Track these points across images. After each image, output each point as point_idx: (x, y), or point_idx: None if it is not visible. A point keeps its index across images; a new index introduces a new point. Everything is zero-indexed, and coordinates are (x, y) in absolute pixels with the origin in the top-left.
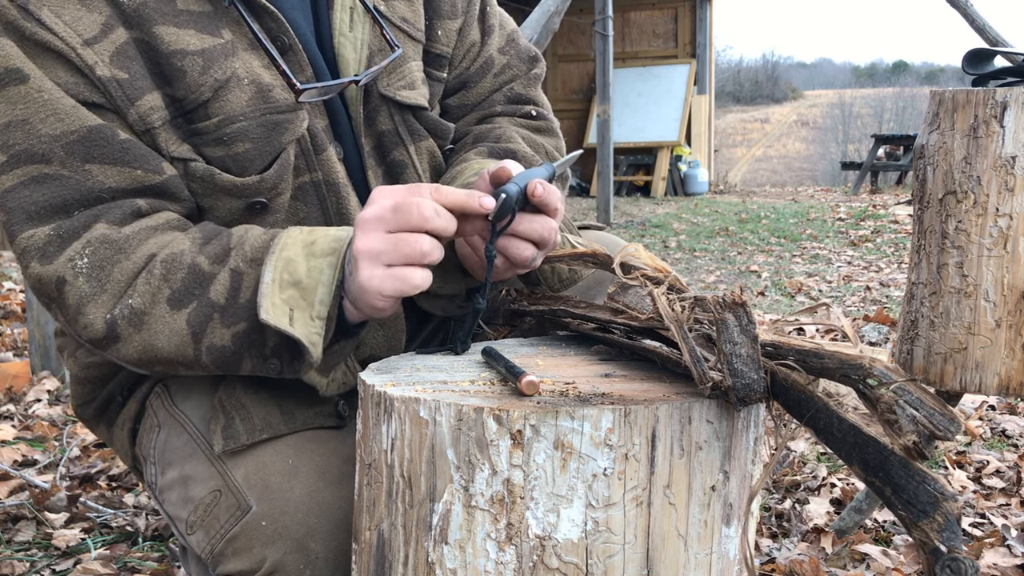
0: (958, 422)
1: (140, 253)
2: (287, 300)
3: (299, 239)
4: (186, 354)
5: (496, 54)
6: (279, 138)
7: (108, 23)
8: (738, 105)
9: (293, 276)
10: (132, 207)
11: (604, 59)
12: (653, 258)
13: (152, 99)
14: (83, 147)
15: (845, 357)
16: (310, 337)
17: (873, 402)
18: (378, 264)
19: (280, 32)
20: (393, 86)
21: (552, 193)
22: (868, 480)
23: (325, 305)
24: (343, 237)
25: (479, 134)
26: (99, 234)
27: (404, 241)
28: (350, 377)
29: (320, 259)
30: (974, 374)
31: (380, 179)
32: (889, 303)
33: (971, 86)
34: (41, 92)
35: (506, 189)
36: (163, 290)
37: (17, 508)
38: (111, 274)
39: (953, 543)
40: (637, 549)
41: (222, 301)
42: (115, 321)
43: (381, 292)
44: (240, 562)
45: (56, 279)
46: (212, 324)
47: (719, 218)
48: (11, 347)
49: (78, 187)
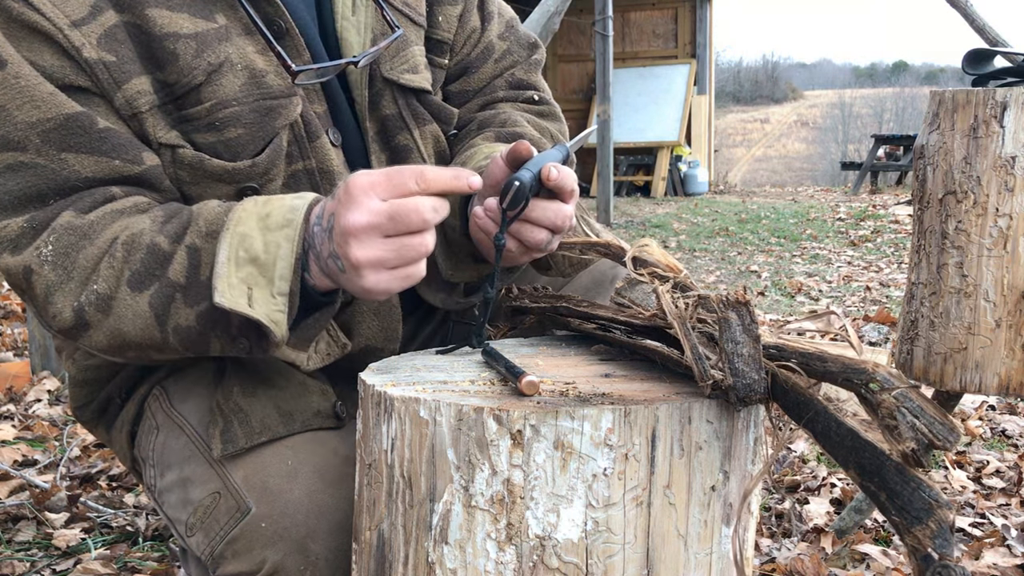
0: (957, 433)
1: (104, 238)
2: (244, 278)
3: (253, 212)
4: (153, 337)
5: (496, 40)
6: (272, 123)
7: (97, 5)
8: (738, 105)
9: (249, 252)
10: (105, 194)
11: (604, 59)
12: (665, 255)
13: (140, 83)
14: (60, 135)
15: (848, 361)
16: (272, 316)
17: (874, 407)
18: (382, 269)
19: (277, 16)
20: (397, 70)
21: (567, 176)
22: (863, 484)
23: (286, 280)
24: (298, 206)
25: (484, 120)
26: (64, 222)
27: (408, 247)
28: (335, 348)
29: (276, 232)
30: (974, 374)
31: (384, 164)
32: (889, 303)
33: (971, 86)
34: (18, 78)
35: (519, 176)
36: (124, 272)
37: (17, 508)
38: (76, 261)
39: (945, 550)
40: (637, 549)
41: (182, 280)
42: (83, 308)
43: (389, 291)
44: (240, 563)
45: (23, 269)
46: (175, 305)
47: (719, 218)
48: (11, 347)
49: (54, 177)
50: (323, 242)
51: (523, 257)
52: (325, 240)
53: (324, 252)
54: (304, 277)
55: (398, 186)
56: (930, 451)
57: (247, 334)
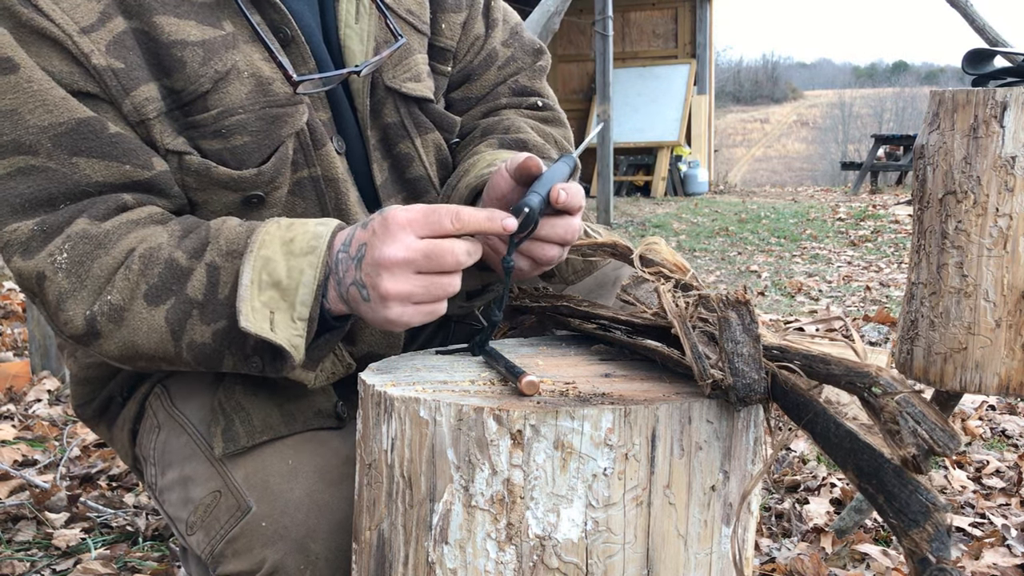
0: (958, 439)
1: (119, 248)
2: (267, 302)
3: (277, 236)
4: (167, 351)
5: (500, 47)
6: (278, 131)
7: (106, 11)
8: (738, 105)
9: (272, 276)
10: (117, 202)
11: (604, 59)
12: (673, 254)
13: (148, 90)
14: (71, 139)
15: (851, 365)
16: (292, 340)
17: (876, 411)
18: (408, 304)
19: (283, 24)
20: (399, 78)
21: (575, 196)
22: (861, 487)
23: (307, 307)
24: (322, 233)
25: (487, 126)
26: (79, 229)
27: (437, 285)
28: (339, 367)
29: (300, 258)
30: (974, 374)
31: (386, 172)
32: (889, 303)
33: (971, 86)
34: (31, 82)
35: (528, 202)
36: (140, 286)
37: (17, 508)
38: (90, 270)
39: (942, 553)
40: (637, 549)
41: (200, 297)
42: (95, 318)
43: (410, 324)
44: (240, 563)
45: (36, 274)
46: (191, 321)
47: (719, 218)
48: (11, 347)
49: (64, 180)
50: (348, 269)
51: (533, 272)
52: (351, 267)
53: (348, 279)
54: (322, 302)
55: (434, 224)
56: (930, 457)
57: (261, 354)
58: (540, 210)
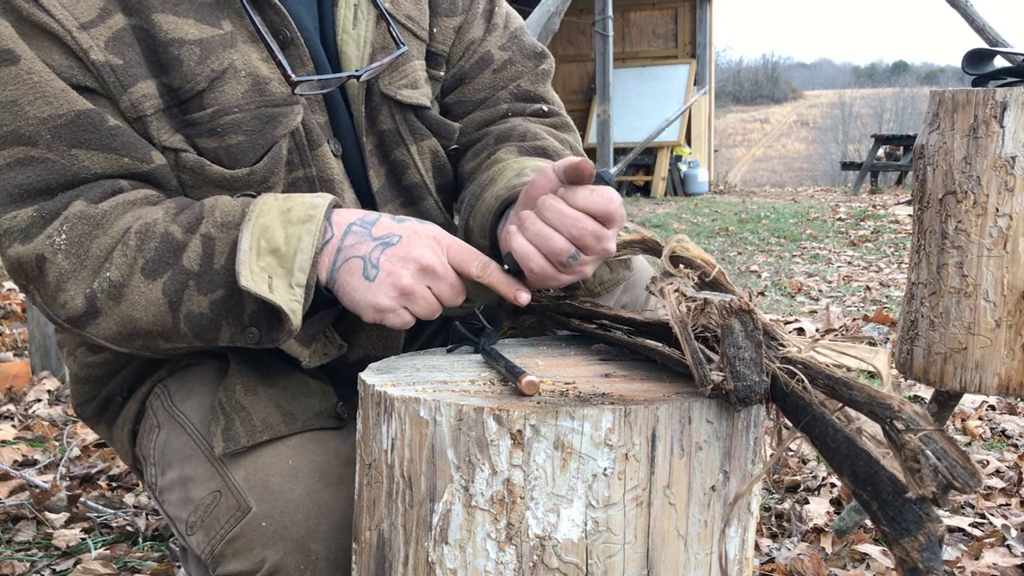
0: (979, 477)
1: (117, 227)
2: (265, 267)
3: (275, 206)
4: (164, 324)
5: (496, 50)
6: (272, 131)
7: (106, 8)
8: (738, 105)
9: (271, 243)
10: (113, 186)
11: (604, 59)
12: (700, 251)
13: (146, 87)
14: (70, 131)
15: (875, 394)
16: (290, 304)
17: (898, 446)
18: (404, 302)
19: (282, 25)
20: (395, 85)
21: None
22: (856, 492)
23: (304, 272)
24: (319, 204)
25: (501, 133)
26: (77, 211)
27: (428, 303)
28: (331, 348)
29: (298, 226)
30: (974, 374)
31: (383, 177)
32: (889, 303)
33: (971, 86)
34: (31, 74)
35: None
36: (138, 261)
37: (17, 508)
38: (89, 249)
39: (932, 564)
40: (637, 549)
41: (196, 268)
42: (95, 296)
43: (384, 321)
44: (240, 563)
45: (36, 257)
46: (188, 292)
47: (719, 218)
48: (11, 347)
49: (63, 171)
50: (361, 243)
51: (553, 273)
52: (367, 243)
53: (356, 251)
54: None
55: (462, 261)
56: (948, 492)
57: (258, 323)
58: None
